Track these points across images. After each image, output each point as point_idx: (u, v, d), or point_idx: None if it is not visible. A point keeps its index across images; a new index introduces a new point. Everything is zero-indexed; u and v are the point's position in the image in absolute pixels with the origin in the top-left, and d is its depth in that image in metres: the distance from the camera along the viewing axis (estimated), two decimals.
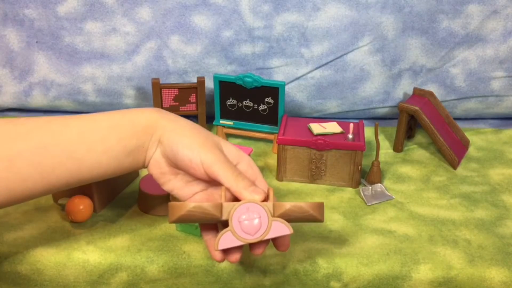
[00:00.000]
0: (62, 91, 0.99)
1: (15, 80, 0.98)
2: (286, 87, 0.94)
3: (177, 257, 0.65)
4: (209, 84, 0.93)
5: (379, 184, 0.80)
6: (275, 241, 0.56)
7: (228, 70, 0.96)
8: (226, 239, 0.52)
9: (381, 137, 0.95)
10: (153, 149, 0.56)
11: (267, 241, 0.54)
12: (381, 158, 0.89)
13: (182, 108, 0.93)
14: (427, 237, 0.69)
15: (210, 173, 0.54)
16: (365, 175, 0.83)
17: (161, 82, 0.91)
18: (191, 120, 1.01)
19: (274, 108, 0.91)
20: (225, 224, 0.53)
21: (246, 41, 0.94)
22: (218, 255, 0.54)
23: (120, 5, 0.92)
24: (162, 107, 0.91)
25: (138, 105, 1.00)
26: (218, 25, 0.93)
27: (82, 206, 0.70)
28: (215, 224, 0.58)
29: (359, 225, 0.72)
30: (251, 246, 0.54)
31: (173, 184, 0.58)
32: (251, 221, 0.52)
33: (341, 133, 0.83)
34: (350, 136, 0.81)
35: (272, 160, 0.88)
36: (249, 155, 0.80)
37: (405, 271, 0.64)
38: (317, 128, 0.83)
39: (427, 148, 0.93)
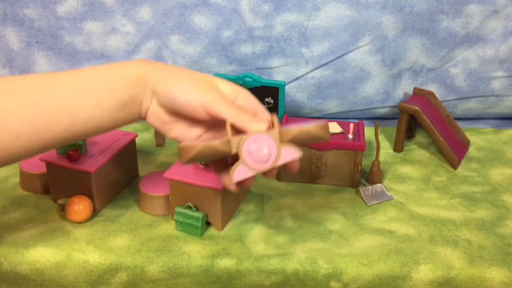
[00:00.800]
0: None
1: None
2: (286, 87, 0.94)
3: (177, 257, 0.65)
4: None
5: (379, 184, 0.80)
6: (285, 165, 0.56)
7: (228, 70, 0.96)
8: (240, 171, 0.53)
9: (381, 137, 0.95)
10: (148, 100, 0.56)
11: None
12: (381, 158, 0.89)
13: None
14: (427, 237, 0.69)
15: (211, 112, 0.54)
16: (365, 175, 0.83)
17: None
18: None
19: (274, 108, 0.91)
20: (235, 158, 0.54)
21: (246, 41, 0.94)
22: (234, 187, 0.55)
23: (120, 5, 0.92)
24: None
25: None
26: (218, 25, 0.93)
27: (82, 206, 0.70)
28: (227, 161, 0.58)
29: (359, 225, 0.72)
30: (264, 172, 0.55)
31: (176, 131, 0.58)
32: (261, 151, 0.53)
33: (341, 133, 0.83)
34: (350, 136, 0.81)
35: None
36: None
37: (405, 271, 0.64)
38: None
39: (427, 148, 0.93)
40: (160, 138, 0.93)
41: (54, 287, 0.65)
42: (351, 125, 0.81)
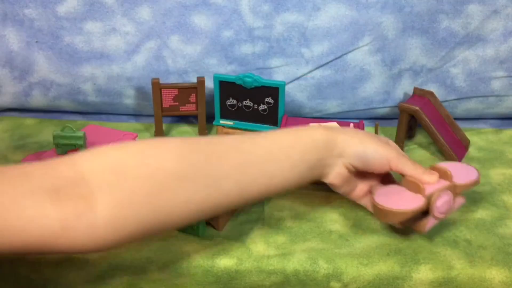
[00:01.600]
0: (62, 91, 0.99)
1: (15, 80, 0.98)
2: (286, 87, 0.94)
3: (177, 257, 0.65)
4: (209, 84, 0.93)
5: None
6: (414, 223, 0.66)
7: (228, 70, 0.96)
8: (430, 223, 0.64)
9: None
10: (334, 162, 0.63)
11: None
12: None
13: (182, 108, 0.93)
14: (427, 237, 0.69)
15: (395, 167, 0.65)
16: None
17: (161, 82, 0.91)
18: (191, 120, 1.02)
19: (274, 108, 0.91)
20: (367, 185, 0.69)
21: (246, 41, 0.94)
22: (425, 232, 0.65)
23: (120, 5, 0.92)
24: (162, 107, 0.91)
25: (138, 105, 1.00)
26: (218, 25, 0.93)
27: None
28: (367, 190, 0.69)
29: (359, 225, 0.72)
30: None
31: (359, 186, 0.68)
32: (446, 205, 0.64)
33: None
34: None
35: None
36: None
37: (405, 271, 0.64)
38: None
39: (428, 148, 0.93)
40: None
41: (54, 287, 0.65)
42: (351, 125, 0.81)
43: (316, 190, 0.80)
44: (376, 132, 0.80)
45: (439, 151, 0.91)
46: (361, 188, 0.69)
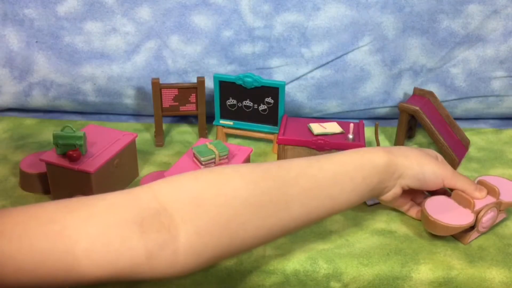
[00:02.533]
0: (62, 91, 0.99)
1: (15, 80, 0.98)
2: (286, 87, 0.94)
3: None
4: (209, 84, 0.93)
5: None
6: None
7: (228, 70, 0.96)
8: (473, 235, 0.68)
9: (381, 137, 0.95)
10: (392, 184, 0.66)
11: None
12: None
13: (182, 108, 0.93)
14: (427, 237, 0.69)
15: (449, 184, 0.68)
16: None
17: (161, 82, 0.91)
18: (191, 120, 1.02)
19: (274, 108, 0.91)
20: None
21: (246, 41, 0.94)
22: (466, 244, 0.68)
23: (120, 5, 0.92)
24: (162, 107, 0.91)
25: (138, 105, 1.00)
26: (218, 25, 0.93)
27: None
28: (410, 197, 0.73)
29: (359, 225, 0.72)
30: None
31: (404, 197, 0.71)
32: (490, 221, 0.68)
33: (341, 133, 0.83)
34: (350, 136, 0.81)
35: (272, 160, 0.88)
36: (249, 155, 0.80)
37: (406, 271, 0.64)
38: (317, 128, 0.83)
39: (427, 148, 0.93)
40: (160, 138, 0.93)
41: (54, 287, 0.65)
42: (351, 125, 0.81)
43: None
44: (376, 132, 0.80)
45: (439, 151, 0.90)
46: (404, 197, 0.72)
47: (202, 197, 0.54)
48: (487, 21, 0.93)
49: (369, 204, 0.76)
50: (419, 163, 0.66)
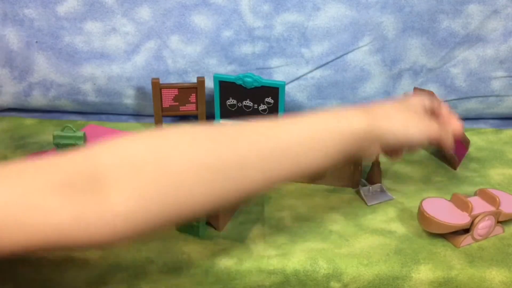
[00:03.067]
0: (62, 91, 0.99)
1: (15, 80, 0.98)
2: (286, 87, 0.94)
3: (177, 257, 0.65)
4: (209, 84, 0.93)
5: (379, 184, 0.80)
6: None
7: (228, 70, 0.96)
8: (466, 241, 0.67)
9: None
10: (372, 148, 0.60)
11: None
12: (381, 158, 0.89)
13: (182, 108, 0.93)
14: (427, 237, 0.69)
15: (433, 142, 0.64)
16: (365, 175, 0.83)
17: (161, 82, 0.91)
18: (191, 120, 1.02)
19: (274, 108, 0.91)
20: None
21: (246, 41, 0.94)
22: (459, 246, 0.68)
23: (120, 5, 0.92)
24: (162, 107, 0.91)
25: (138, 105, 1.00)
26: (218, 25, 0.93)
27: None
28: None
29: (359, 225, 0.72)
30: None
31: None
32: (486, 229, 0.68)
33: None
34: None
35: None
36: None
37: (405, 271, 0.64)
38: None
39: (427, 148, 0.93)
40: None
41: (54, 287, 0.65)
42: None
43: (316, 190, 0.80)
44: None
45: (439, 151, 0.91)
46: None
47: (143, 161, 0.49)
48: (487, 21, 0.93)
49: (369, 204, 0.76)
50: (403, 124, 0.60)
